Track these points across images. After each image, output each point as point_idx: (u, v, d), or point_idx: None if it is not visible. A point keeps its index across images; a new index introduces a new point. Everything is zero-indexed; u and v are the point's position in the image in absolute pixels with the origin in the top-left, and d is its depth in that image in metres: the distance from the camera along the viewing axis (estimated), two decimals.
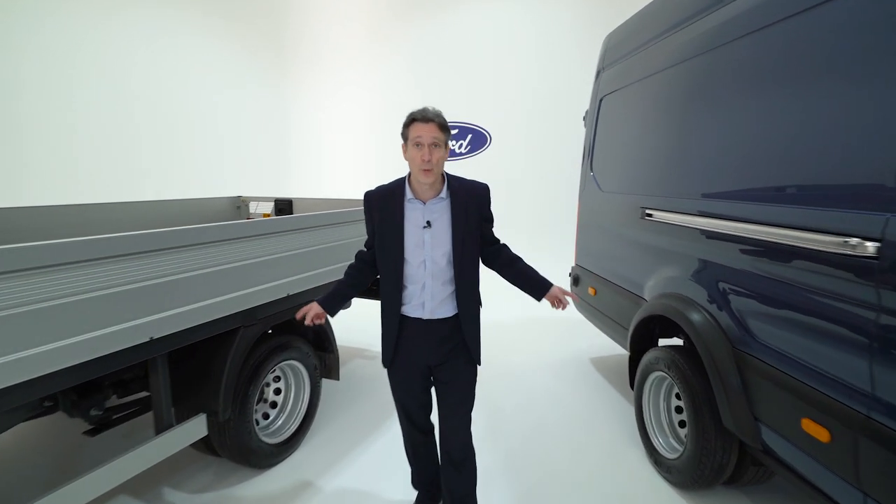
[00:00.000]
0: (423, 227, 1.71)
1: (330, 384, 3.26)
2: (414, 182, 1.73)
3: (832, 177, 1.56)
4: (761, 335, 1.84)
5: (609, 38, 3.48)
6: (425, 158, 1.61)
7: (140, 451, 1.88)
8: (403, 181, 1.76)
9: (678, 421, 2.52)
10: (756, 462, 2.03)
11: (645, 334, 2.72)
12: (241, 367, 2.25)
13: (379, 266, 1.80)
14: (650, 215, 2.62)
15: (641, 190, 2.80)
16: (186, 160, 7.30)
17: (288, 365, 2.64)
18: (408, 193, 1.73)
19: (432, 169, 1.64)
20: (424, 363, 1.80)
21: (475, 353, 1.81)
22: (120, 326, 1.66)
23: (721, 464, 2.10)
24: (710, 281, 2.14)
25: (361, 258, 1.89)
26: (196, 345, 2.07)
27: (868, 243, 1.35)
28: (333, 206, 3.85)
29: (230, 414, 2.18)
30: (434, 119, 1.64)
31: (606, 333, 3.39)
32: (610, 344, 3.56)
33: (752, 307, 1.88)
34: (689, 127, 2.38)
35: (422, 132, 1.62)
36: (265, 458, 2.44)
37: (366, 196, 1.80)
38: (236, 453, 2.30)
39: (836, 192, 1.53)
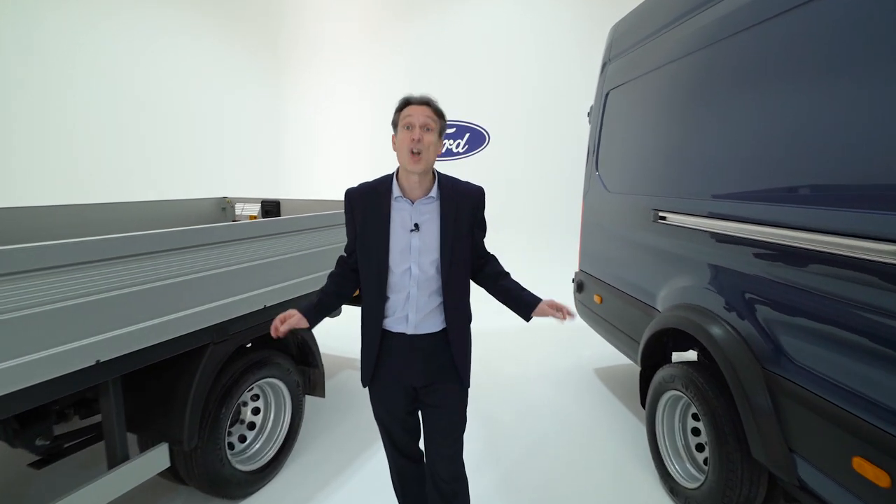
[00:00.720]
0: (411, 231, 1.48)
1: (314, 400, 3.02)
2: (402, 176, 1.51)
3: None
4: (799, 357, 1.61)
5: (616, 28, 3.26)
6: (415, 138, 1.41)
7: (92, 488, 1.64)
8: (390, 178, 1.54)
9: (695, 444, 2.30)
10: (790, 498, 1.81)
11: (657, 348, 2.50)
12: (211, 389, 2.01)
13: (360, 272, 1.57)
14: (663, 218, 2.40)
15: (653, 190, 2.57)
16: (186, 160, 7.11)
17: (267, 383, 2.40)
18: (395, 191, 1.50)
19: (422, 153, 1.42)
20: (408, 383, 1.57)
21: (463, 374, 1.59)
22: (59, 349, 1.43)
23: (748, 497, 1.87)
24: (734, 292, 1.91)
25: (344, 264, 1.66)
26: (157, 364, 1.83)
27: None
28: (324, 208, 3.62)
29: (197, 441, 1.94)
30: (429, 102, 1.47)
31: (613, 345, 3.16)
32: (615, 353, 3.34)
33: (788, 325, 1.65)
34: (713, 118, 2.13)
35: (413, 112, 1.44)
36: (239, 488, 2.21)
37: (347, 194, 1.57)
38: (205, 483, 2.06)
39: None
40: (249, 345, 2.34)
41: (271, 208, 4.18)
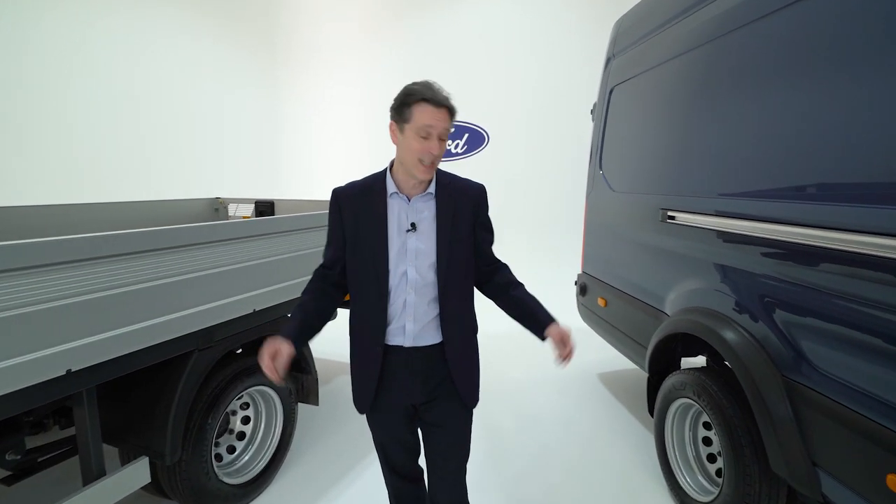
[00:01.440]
0: (407, 231, 1.35)
1: (308, 408, 2.91)
2: (401, 175, 1.37)
3: None
4: (823, 364, 1.50)
5: (621, 22, 3.16)
6: (433, 152, 1.27)
7: None
8: (383, 174, 1.41)
9: (707, 454, 2.19)
10: None
11: (666, 354, 2.39)
12: (195, 399, 1.90)
13: (350, 280, 1.42)
14: (672, 218, 2.29)
15: (661, 189, 2.46)
16: (184, 160, 7.01)
17: (257, 391, 2.29)
18: (390, 186, 1.37)
19: (433, 163, 1.31)
20: (408, 402, 1.43)
21: (466, 393, 1.43)
22: (25, 357, 1.31)
23: None
24: (749, 295, 1.80)
25: (324, 278, 1.45)
26: (138, 372, 1.72)
27: None
28: (319, 209, 3.51)
29: (180, 454, 1.82)
30: (447, 104, 1.28)
31: (619, 350, 3.05)
32: (619, 357, 3.22)
33: (811, 330, 1.55)
34: (726, 113, 2.02)
35: (433, 120, 1.26)
36: (226, 502, 2.09)
37: (335, 193, 1.42)
38: (190, 498, 1.95)
39: None
40: (239, 350, 2.23)
41: (265, 209, 4.07)
